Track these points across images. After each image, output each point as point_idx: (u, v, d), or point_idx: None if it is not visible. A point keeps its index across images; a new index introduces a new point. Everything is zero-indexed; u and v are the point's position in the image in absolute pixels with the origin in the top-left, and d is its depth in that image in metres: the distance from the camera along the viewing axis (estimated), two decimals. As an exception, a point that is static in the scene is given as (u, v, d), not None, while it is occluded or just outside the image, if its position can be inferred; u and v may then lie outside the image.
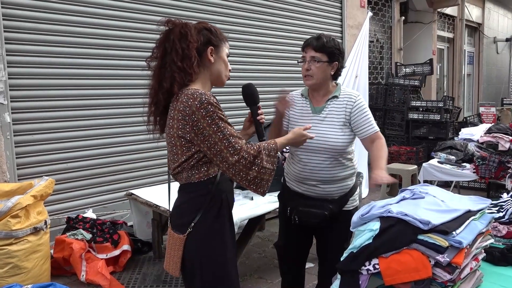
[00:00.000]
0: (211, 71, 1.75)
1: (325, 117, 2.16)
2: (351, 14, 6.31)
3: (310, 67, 2.13)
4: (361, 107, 2.15)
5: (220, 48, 1.76)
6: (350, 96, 2.18)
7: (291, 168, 2.24)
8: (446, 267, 1.44)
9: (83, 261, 3.13)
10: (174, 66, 1.63)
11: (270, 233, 4.20)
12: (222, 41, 1.77)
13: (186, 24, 1.69)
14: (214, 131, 1.58)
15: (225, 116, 1.63)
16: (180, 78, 1.64)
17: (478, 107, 9.27)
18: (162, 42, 1.68)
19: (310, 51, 2.14)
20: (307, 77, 2.16)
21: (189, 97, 1.59)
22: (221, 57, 1.77)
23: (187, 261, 1.72)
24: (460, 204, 1.67)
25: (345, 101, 2.16)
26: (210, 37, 1.73)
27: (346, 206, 2.20)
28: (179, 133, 1.63)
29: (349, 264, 1.58)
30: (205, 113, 1.58)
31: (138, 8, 4.00)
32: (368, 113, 2.16)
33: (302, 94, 2.27)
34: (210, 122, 1.58)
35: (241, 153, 1.59)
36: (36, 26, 3.44)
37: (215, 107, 1.59)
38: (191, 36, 1.65)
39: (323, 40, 2.13)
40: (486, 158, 4.07)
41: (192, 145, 1.63)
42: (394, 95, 7.04)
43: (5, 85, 3.26)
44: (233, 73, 1.89)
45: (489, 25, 12.05)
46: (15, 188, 2.90)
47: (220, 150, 1.59)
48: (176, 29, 1.66)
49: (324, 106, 2.18)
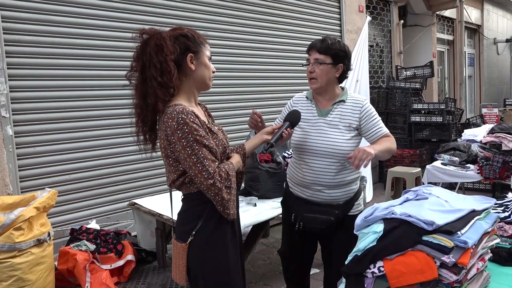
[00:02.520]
0: (194, 78, 1.72)
1: (332, 120, 2.13)
2: (349, 19, 6.33)
3: (314, 69, 2.11)
4: (369, 112, 2.14)
5: (199, 53, 1.72)
6: (357, 101, 2.17)
7: (295, 173, 2.22)
8: (452, 268, 1.42)
9: (87, 272, 3.11)
10: (155, 82, 1.61)
11: (274, 240, 4.17)
12: (201, 45, 1.73)
13: (160, 34, 1.64)
14: (188, 155, 1.58)
15: (201, 135, 1.60)
16: (163, 94, 1.62)
17: (480, 108, 9.25)
18: (140, 56, 1.65)
19: (314, 53, 2.12)
20: (312, 81, 2.14)
21: (169, 116, 1.59)
22: (202, 62, 1.73)
23: (191, 269, 1.72)
24: (465, 204, 1.65)
25: (352, 106, 2.15)
26: (188, 43, 1.69)
27: (351, 211, 2.18)
28: (167, 152, 1.65)
29: (354, 267, 1.56)
30: (181, 134, 1.57)
31: (144, 20, 4.02)
32: (376, 117, 2.15)
33: (307, 97, 2.25)
34: (185, 145, 1.58)
35: (215, 177, 1.60)
36: (36, 39, 3.46)
37: (190, 127, 1.57)
38: (167, 48, 1.61)
39: (327, 42, 2.11)
40: (490, 159, 4.04)
41: (179, 164, 1.64)
42: (395, 98, 7.03)
43: (7, 98, 3.27)
44: (231, 80, 1.89)
45: (488, 27, 12.05)
46: (18, 200, 2.90)
47: (195, 175, 1.60)
48: (151, 41, 1.62)
49: (330, 110, 2.16)
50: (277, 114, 2.42)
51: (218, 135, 1.72)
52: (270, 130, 1.93)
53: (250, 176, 3.38)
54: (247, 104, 5.01)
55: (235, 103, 4.91)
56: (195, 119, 1.60)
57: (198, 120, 1.62)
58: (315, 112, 2.17)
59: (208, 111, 1.91)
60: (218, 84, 4.56)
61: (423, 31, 8.79)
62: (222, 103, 4.72)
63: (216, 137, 1.70)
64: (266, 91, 5.19)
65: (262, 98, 5.15)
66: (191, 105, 1.73)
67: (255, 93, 5.10)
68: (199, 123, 1.61)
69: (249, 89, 5.03)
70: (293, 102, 2.30)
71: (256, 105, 5.10)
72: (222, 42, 4.65)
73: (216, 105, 4.59)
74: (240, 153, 1.84)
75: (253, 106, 5.08)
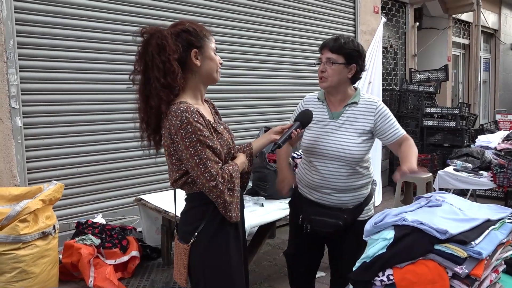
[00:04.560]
0: (200, 74, 1.67)
1: (343, 123, 2.07)
2: (364, 20, 6.26)
3: (326, 69, 2.04)
4: (384, 114, 2.06)
5: (204, 47, 1.66)
6: (371, 103, 2.09)
7: (304, 175, 2.17)
8: (464, 279, 1.38)
9: (91, 267, 3.10)
10: (158, 83, 1.56)
11: (280, 241, 4.13)
12: (204, 38, 1.67)
13: (161, 32, 1.59)
14: (191, 155, 1.54)
15: (205, 136, 1.56)
16: (166, 95, 1.57)
17: (494, 114, 9.09)
18: (142, 56, 1.61)
19: (326, 52, 2.05)
20: (322, 79, 2.07)
21: (173, 114, 1.55)
22: (207, 56, 1.67)
23: (192, 270, 1.70)
24: (479, 213, 1.60)
25: (366, 108, 2.08)
26: (190, 39, 1.63)
27: (361, 216, 2.12)
28: (170, 151, 1.61)
29: (362, 274, 1.53)
30: (184, 134, 1.53)
31: (150, 14, 4.00)
32: (392, 118, 2.08)
33: (319, 98, 2.18)
34: (188, 145, 1.54)
35: (218, 179, 1.56)
36: (48, 31, 3.46)
37: (194, 127, 1.53)
38: (169, 48, 1.56)
39: (340, 41, 2.04)
40: (504, 166, 3.95)
41: (182, 163, 1.61)
42: (408, 101, 6.94)
43: (17, 89, 3.28)
44: (244, 78, 1.85)
45: (505, 31, 11.86)
46: (25, 192, 2.89)
47: (197, 176, 1.56)
48: (152, 40, 1.57)
49: (342, 112, 2.09)
50: (288, 114, 2.37)
51: (223, 135, 1.68)
52: (279, 129, 1.87)
53: (258, 176, 3.34)
54: (257, 103, 4.98)
55: (245, 101, 4.87)
56: (200, 119, 1.56)
57: (202, 119, 1.57)
58: (326, 114, 2.11)
59: (216, 108, 1.86)
60: (227, 81, 4.53)
61: (439, 34, 8.67)
62: (231, 101, 4.68)
63: (221, 137, 1.66)
64: (277, 90, 5.15)
65: (273, 97, 5.11)
66: (197, 102, 1.68)
67: (266, 91, 5.05)
68: (204, 122, 1.57)
69: (260, 88, 4.98)
70: (304, 103, 2.23)
71: (267, 103, 5.06)
72: (234, 40, 4.62)
73: (224, 103, 4.56)
74: (247, 153, 1.80)
75: (264, 105, 5.04)
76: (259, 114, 5.01)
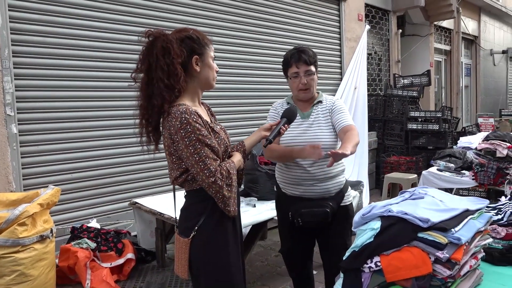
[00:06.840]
0: (198, 79, 1.77)
1: (314, 121, 2.31)
2: (349, 27, 6.43)
3: (307, 80, 2.26)
4: (336, 107, 2.31)
5: (204, 55, 1.76)
6: (331, 100, 2.37)
7: (287, 173, 2.33)
8: (445, 263, 1.48)
9: (88, 270, 3.15)
10: (162, 84, 1.64)
11: (272, 242, 4.22)
12: (205, 46, 1.77)
13: (167, 36, 1.67)
14: (191, 153, 1.64)
15: (204, 135, 1.65)
16: (169, 95, 1.66)
17: (476, 118, 9.34)
18: (146, 57, 1.68)
19: (303, 66, 2.26)
20: (306, 91, 2.29)
21: (172, 116, 1.64)
22: (206, 64, 1.77)
23: (193, 263, 1.77)
24: (459, 204, 1.72)
25: (327, 105, 2.34)
26: (193, 46, 1.73)
27: (343, 202, 2.33)
28: (170, 150, 1.70)
29: (352, 263, 1.62)
30: (184, 133, 1.62)
31: (150, 24, 4.09)
32: (343, 110, 2.30)
33: (288, 102, 2.40)
34: (187, 144, 1.63)
35: (217, 175, 1.65)
36: (43, 40, 3.53)
37: (193, 127, 1.62)
38: (174, 52, 1.64)
39: (309, 53, 2.29)
40: (484, 165, 4.11)
41: (182, 162, 1.70)
42: (393, 106, 7.11)
43: (12, 97, 3.33)
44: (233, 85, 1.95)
45: (485, 38, 12.20)
46: (22, 197, 2.93)
47: (197, 173, 1.66)
48: (158, 43, 1.65)
49: (311, 111, 2.33)
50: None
51: (220, 134, 1.78)
52: (268, 126, 1.99)
53: (250, 178, 3.44)
54: (249, 108, 5.11)
55: (238, 107, 5.00)
56: (198, 119, 1.65)
57: (200, 120, 1.67)
58: (298, 116, 2.31)
59: (211, 110, 1.96)
60: (221, 88, 4.64)
61: (421, 41, 8.91)
62: (225, 106, 4.79)
63: (218, 136, 1.75)
64: (267, 96, 5.27)
65: (263, 103, 5.23)
66: (194, 104, 1.78)
67: (256, 97, 5.19)
68: (202, 122, 1.67)
69: (250, 94, 5.12)
70: (276, 109, 2.42)
71: (257, 109, 5.17)
72: (225, 47, 4.74)
73: (219, 108, 4.66)
74: (240, 150, 1.90)
75: (254, 110, 5.16)
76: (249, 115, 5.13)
